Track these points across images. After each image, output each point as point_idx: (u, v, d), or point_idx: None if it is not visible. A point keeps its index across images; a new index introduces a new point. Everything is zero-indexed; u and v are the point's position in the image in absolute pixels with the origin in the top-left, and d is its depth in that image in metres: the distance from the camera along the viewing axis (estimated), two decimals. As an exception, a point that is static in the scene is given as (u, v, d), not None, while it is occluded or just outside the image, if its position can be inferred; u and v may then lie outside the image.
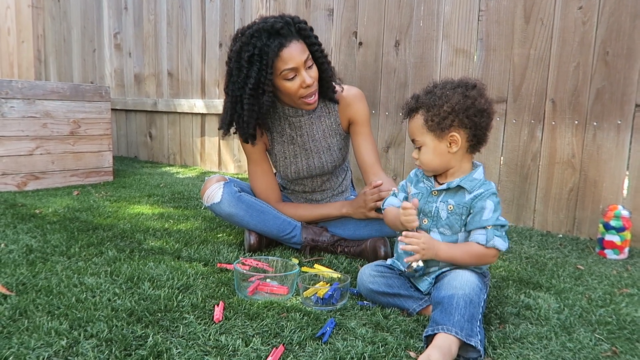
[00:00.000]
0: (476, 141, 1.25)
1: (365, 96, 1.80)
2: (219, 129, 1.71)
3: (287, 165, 1.81)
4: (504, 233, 1.23)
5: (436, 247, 1.21)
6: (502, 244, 1.21)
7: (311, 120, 1.76)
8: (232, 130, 1.70)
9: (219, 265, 1.58)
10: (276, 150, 1.81)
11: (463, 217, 1.24)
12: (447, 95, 1.22)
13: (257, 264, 1.51)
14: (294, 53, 1.53)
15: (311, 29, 1.61)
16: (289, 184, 1.91)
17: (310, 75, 1.57)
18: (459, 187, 1.25)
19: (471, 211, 1.23)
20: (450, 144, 1.24)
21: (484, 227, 1.21)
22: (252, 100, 1.56)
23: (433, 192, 1.29)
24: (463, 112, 1.21)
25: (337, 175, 1.91)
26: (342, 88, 1.75)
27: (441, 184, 1.28)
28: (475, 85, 1.24)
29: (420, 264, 1.22)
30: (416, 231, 1.23)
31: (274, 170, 1.89)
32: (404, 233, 1.22)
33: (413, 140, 1.29)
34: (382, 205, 1.43)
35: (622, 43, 2.01)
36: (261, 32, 1.52)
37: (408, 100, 1.31)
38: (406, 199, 1.38)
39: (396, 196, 1.41)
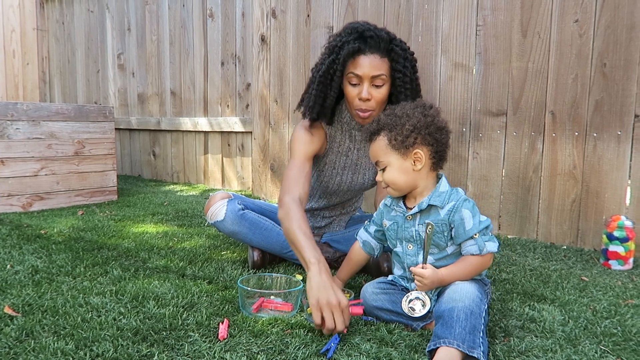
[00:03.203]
0: (438, 158, 1.29)
1: None
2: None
3: (333, 176, 1.77)
4: (490, 233, 1.24)
5: (439, 277, 1.22)
6: (493, 246, 1.23)
7: None
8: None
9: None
10: (328, 159, 1.75)
11: (445, 234, 1.25)
12: (407, 114, 1.27)
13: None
14: (366, 63, 1.51)
15: (408, 59, 1.56)
16: (311, 197, 1.92)
17: (370, 92, 1.53)
18: (431, 206, 1.26)
19: (452, 225, 1.24)
20: (414, 161, 1.26)
21: (472, 237, 1.22)
22: (321, 87, 1.58)
23: (408, 217, 1.30)
24: (424, 129, 1.26)
25: (357, 197, 1.94)
26: None
27: (411, 208, 1.30)
28: (432, 106, 1.30)
29: (424, 311, 1.23)
30: (422, 266, 1.22)
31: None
32: (411, 268, 1.24)
33: (377, 163, 1.31)
34: (355, 235, 1.48)
35: (619, 55, 2.03)
36: (352, 31, 1.54)
37: (369, 125, 1.34)
38: (379, 232, 1.41)
39: (367, 230, 1.44)
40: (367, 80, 1.53)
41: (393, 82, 1.56)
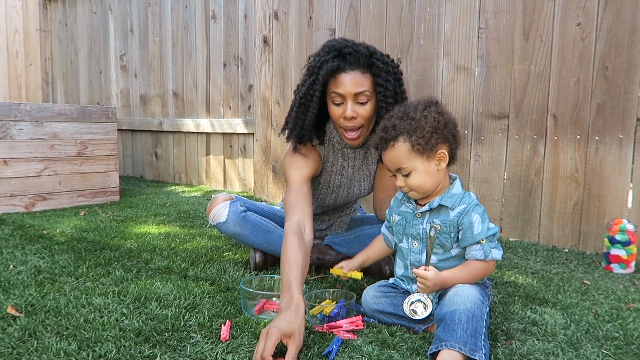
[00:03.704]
0: (454, 154, 1.29)
1: None
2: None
3: (329, 193, 1.75)
4: (496, 241, 1.24)
5: (442, 279, 1.22)
6: (498, 254, 1.23)
7: (365, 153, 1.73)
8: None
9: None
10: (322, 179, 1.73)
11: (452, 235, 1.25)
12: (425, 115, 1.25)
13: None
14: (347, 81, 1.47)
15: (390, 72, 1.51)
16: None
17: (354, 110, 1.48)
18: (441, 206, 1.26)
19: (460, 228, 1.24)
20: (438, 161, 1.26)
21: (479, 242, 1.22)
22: (302, 109, 1.54)
23: (417, 215, 1.29)
24: (444, 128, 1.25)
25: (355, 201, 1.94)
26: None
27: (422, 205, 1.29)
28: (438, 101, 1.29)
29: (426, 313, 1.22)
30: (425, 268, 1.22)
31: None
32: (414, 270, 1.23)
33: (398, 169, 1.27)
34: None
35: (622, 58, 2.03)
36: (330, 50, 1.50)
37: (380, 131, 1.29)
38: (390, 228, 1.41)
39: (385, 225, 1.45)
40: (350, 98, 1.48)
41: (376, 97, 1.51)
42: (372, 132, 1.62)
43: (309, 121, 1.54)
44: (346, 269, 1.44)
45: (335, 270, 1.46)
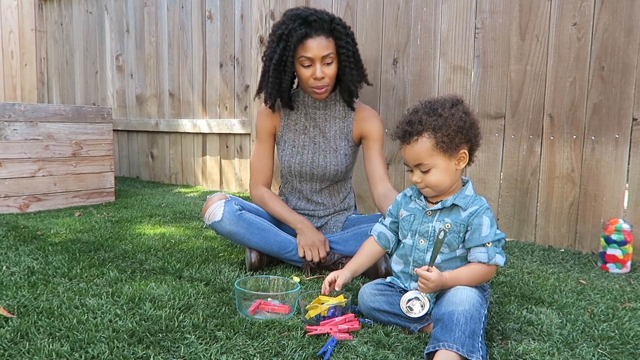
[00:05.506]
0: (472, 155, 1.29)
1: None
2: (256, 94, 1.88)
3: (294, 154, 1.86)
4: (501, 248, 1.24)
5: (444, 281, 1.20)
6: (501, 259, 1.23)
7: (326, 116, 1.86)
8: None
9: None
10: (286, 137, 1.89)
11: (461, 235, 1.24)
12: (452, 113, 1.23)
13: None
14: (314, 46, 1.66)
15: (349, 35, 1.73)
16: (291, 191, 1.95)
17: (323, 71, 1.69)
18: (453, 205, 1.26)
19: (468, 228, 1.23)
20: (458, 161, 1.25)
21: (484, 245, 1.21)
22: (276, 74, 1.72)
23: (428, 213, 1.29)
24: (469, 128, 1.24)
25: (338, 191, 1.93)
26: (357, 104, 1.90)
27: (434, 203, 1.29)
28: (463, 100, 1.29)
29: (422, 312, 1.21)
30: (428, 269, 1.20)
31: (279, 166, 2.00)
32: (416, 270, 1.21)
33: (418, 165, 1.25)
34: (369, 232, 1.45)
35: (617, 58, 2.03)
36: (296, 18, 1.67)
37: (405, 124, 1.26)
38: (394, 223, 1.39)
39: (382, 223, 1.42)
40: (318, 60, 1.68)
41: (339, 58, 1.72)
42: (334, 88, 1.83)
43: (285, 84, 1.74)
44: (339, 285, 1.34)
45: (312, 309, 1.32)
